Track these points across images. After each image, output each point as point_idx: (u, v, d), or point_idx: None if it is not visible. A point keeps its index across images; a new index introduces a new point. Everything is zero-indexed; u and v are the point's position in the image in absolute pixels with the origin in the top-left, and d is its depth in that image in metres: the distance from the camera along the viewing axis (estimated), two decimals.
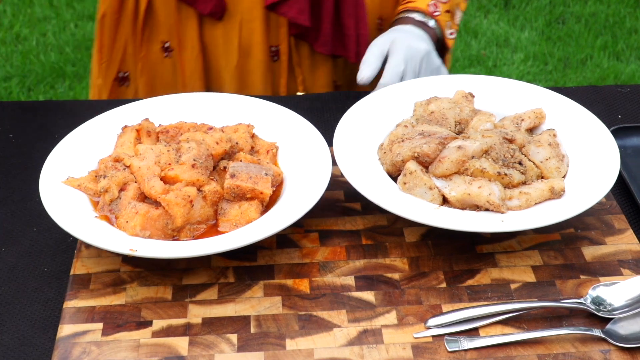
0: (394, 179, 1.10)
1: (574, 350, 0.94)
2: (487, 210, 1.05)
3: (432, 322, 0.96)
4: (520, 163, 1.09)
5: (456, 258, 1.06)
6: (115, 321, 0.97)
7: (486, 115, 1.18)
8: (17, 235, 1.12)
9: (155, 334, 0.96)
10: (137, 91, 1.52)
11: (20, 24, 3.56)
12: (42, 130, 1.32)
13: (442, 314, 0.97)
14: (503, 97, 1.25)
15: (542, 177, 1.10)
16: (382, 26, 1.49)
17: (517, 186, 1.07)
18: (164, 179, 1.07)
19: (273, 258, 1.06)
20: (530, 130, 1.19)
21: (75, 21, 3.62)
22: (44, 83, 3.24)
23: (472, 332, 0.96)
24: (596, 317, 0.97)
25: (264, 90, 1.48)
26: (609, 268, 1.04)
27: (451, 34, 1.42)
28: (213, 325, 0.97)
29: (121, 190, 1.07)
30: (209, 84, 1.50)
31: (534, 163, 1.11)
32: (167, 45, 1.46)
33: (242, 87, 1.48)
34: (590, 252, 1.07)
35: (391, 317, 0.98)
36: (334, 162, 1.13)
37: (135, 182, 1.07)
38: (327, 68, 1.48)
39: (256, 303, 1.00)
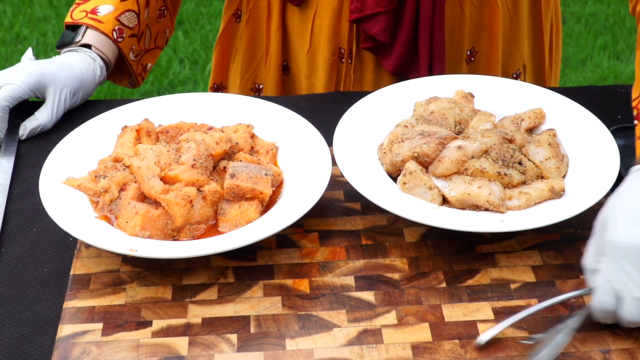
0: (394, 179, 1.10)
1: (574, 350, 0.94)
2: (487, 210, 1.05)
3: (483, 337, 0.94)
4: (520, 163, 1.09)
5: (456, 258, 1.06)
6: (115, 321, 0.97)
7: (486, 115, 1.18)
8: (17, 235, 1.12)
9: (155, 334, 0.96)
10: (242, 35, 1.55)
11: (20, 24, 3.56)
12: (42, 131, 1.32)
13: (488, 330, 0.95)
14: (503, 97, 1.25)
15: (542, 177, 1.10)
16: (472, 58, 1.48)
17: (516, 186, 1.07)
18: (163, 179, 1.07)
19: (273, 258, 1.06)
20: (530, 130, 1.19)
21: None
22: None
23: (472, 332, 0.96)
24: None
25: (328, 87, 1.49)
26: None
27: None
28: (213, 325, 0.97)
29: (121, 190, 1.07)
30: (287, 60, 1.52)
31: (534, 163, 1.11)
32: (269, 6, 1.48)
33: (311, 75, 1.50)
34: None
35: (391, 317, 0.98)
36: (334, 162, 1.13)
37: (135, 182, 1.07)
38: (391, 80, 1.46)
39: (256, 303, 1.00)
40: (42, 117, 1.30)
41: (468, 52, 1.47)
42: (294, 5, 1.44)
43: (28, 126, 1.29)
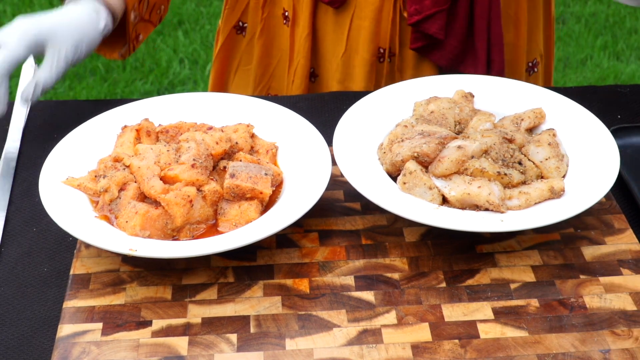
0: (394, 178, 1.10)
1: (574, 350, 0.94)
2: (486, 210, 1.05)
3: None
4: (519, 163, 1.09)
5: (456, 258, 1.06)
6: (114, 321, 0.97)
7: (486, 115, 1.18)
8: (17, 235, 1.12)
9: (155, 334, 0.96)
10: (252, 47, 1.53)
11: None
12: (42, 130, 1.32)
13: None
14: (503, 97, 1.25)
15: (542, 177, 1.10)
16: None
17: (516, 186, 1.07)
18: (163, 179, 1.07)
19: (273, 258, 1.06)
20: (530, 130, 1.19)
21: None
22: None
23: (472, 332, 0.96)
24: (596, 316, 0.97)
25: (365, 88, 1.48)
26: (609, 268, 1.04)
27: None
28: (213, 325, 0.97)
29: (121, 190, 1.07)
30: (315, 66, 1.50)
31: (534, 163, 1.11)
32: (287, 14, 1.47)
33: (345, 79, 1.48)
34: (590, 252, 1.07)
35: (391, 317, 0.98)
36: (334, 162, 1.13)
37: (135, 182, 1.07)
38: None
39: (256, 303, 1.00)
40: (40, 77, 1.21)
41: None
42: (334, 7, 1.42)
43: (27, 90, 1.21)
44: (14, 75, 1.26)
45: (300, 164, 1.13)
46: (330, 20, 1.44)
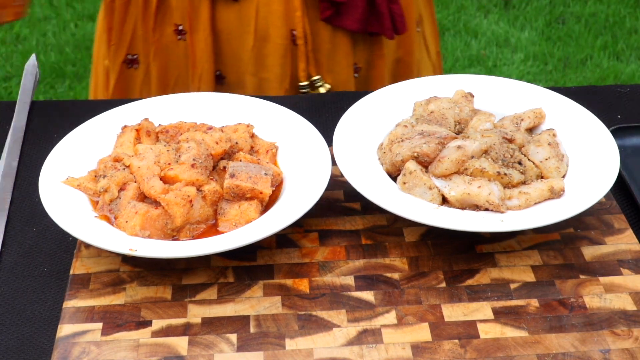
0: (394, 178, 1.10)
1: (574, 350, 0.94)
2: (486, 210, 1.05)
3: None
4: (519, 163, 1.09)
5: (456, 258, 1.06)
6: (114, 321, 0.97)
7: (486, 115, 1.18)
8: (17, 235, 1.12)
9: (155, 334, 0.96)
10: (149, 74, 1.52)
11: (20, 24, 3.56)
12: (42, 130, 1.32)
13: None
14: (503, 97, 1.25)
15: (542, 177, 1.10)
16: None
17: (516, 186, 1.07)
18: (163, 179, 1.07)
19: (272, 258, 1.06)
20: (530, 130, 1.19)
21: (75, 21, 3.62)
22: (44, 83, 3.24)
23: (472, 332, 0.96)
24: (596, 316, 0.97)
25: (282, 74, 1.47)
26: (609, 268, 1.04)
27: None
28: (212, 325, 0.97)
29: (121, 190, 1.07)
30: (222, 67, 1.49)
31: (534, 163, 1.11)
32: (180, 28, 1.46)
33: (260, 70, 1.47)
34: (589, 252, 1.07)
35: (391, 317, 0.98)
36: (334, 162, 1.13)
37: (135, 182, 1.07)
38: (347, 51, 1.48)
39: (256, 303, 1.00)
40: None
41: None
42: (232, 1, 1.40)
43: None
44: (15, 75, 1.26)
45: (300, 164, 1.13)
46: (232, 15, 1.43)
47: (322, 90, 1.49)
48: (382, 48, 1.50)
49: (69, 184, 1.08)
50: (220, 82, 1.51)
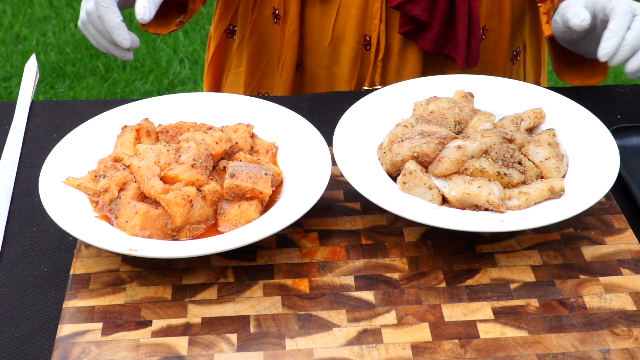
0: (394, 178, 1.10)
1: (574, 350, 0.94)
2: (486, 210, 1.05)
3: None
4: (519, 163, 1.09)
5: (456, 258, 1.06)
6: (114, 321, 0.97)
7: (486, 115, 1.18)
8: (17, 235, 1.12)
9: (155, 334, 0.96)
10: (243, 52, 1.57)
11: (20, 24, 3.56)
12: (42, 130, 1.32)
13: None
14: (503, 97, 1.25)
15: (542, 177, 1.10)
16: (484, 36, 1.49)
17: (516, 186, 1.07)
18: (163, 179, 1.07)
19: (272, 258, 1.06)
20: (530, 130, 1.19)
21: (75, 21, 3.61)
22: (44, 83, 3.24)
23: (472, 332, 0.96)
24: (596, 316, 0.97)
25: (350, 76, 1.50)
26: (609, 268, 1.04)
27: None
28: (212, 325, 0.97)
29: (121, 190, 1.07)
30: (303, 60, 1.53)
31: (534, 163, 1.11)
32: (277, 12, 1.50)
33: (332, 65, 1.51)
34: (589, 252, 1.07)
35: (391, 317, 0.98)
36: (334, 162, 1.13)
37: (135, 181, 1.07)
38: (414, 68, 1.48)
39: (256, 303, 1.00)
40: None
41: (481, 30, 1.48)
42: (321, 1, 1.45)
43: (140, 5, 1.20)
44: (15, 75, 1.26)
45: (300, 164, 1.13)
46: (317, 11, 1.47)
47: None
48: (456, 72, 1.49)
49: (69, 184, 1.08)
50: (298, 72, 1.54)
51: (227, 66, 1.62)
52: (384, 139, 1.16)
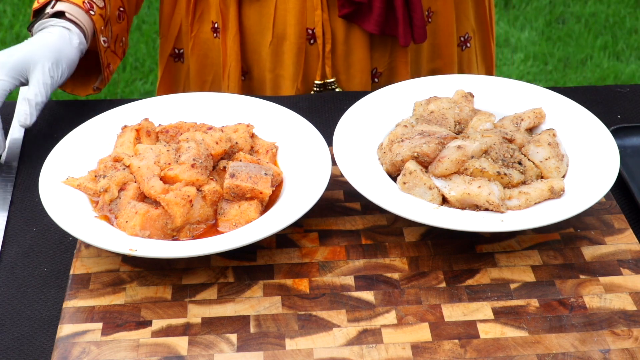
0: (394, 178, 1.10)
1: (574, 350, 0.94)
2: (486, 210, 1.05)
3: None
4: (519, 163, 1.09)
5: (456, 258, 1.06)
6: (114, 321, 0.97)
7: (486, 115, 1.18)
8: (17, 235, 1.12)
9: (155, 334, 0.96)
10: (189, 69, 1.56)
11: (20, 24, 3.56)
12: (42, 130, 1.32)
13: None
14: (503, 97, 1.25)
15: (542, 177, 1.10)
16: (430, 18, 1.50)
17: (516, 186, 1.07)
18: (163, 179, 1.07)
19: (273, 258, 1.06)
20: (530, 130, 1.19)
21: None
22: None
23: (472, 332, 0.96)
24: (596, 316, 0.97)
25: (295, 74, 1.49)
26: (609, 268, 1.04)
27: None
28: (212, 325, 0.97)
29: (121, 190, 1.07)
30: (247, 65, 1.52)
31: (534, 163, 1.11)
32: (216, 26, 1.49)
33: (275, 67, 1.49)
34: (589, 252, 1.07)
35: (391, 317, 0.98)
36: (334, 162, 1.13)
37: (135, 181, 1.07)
38: (363, 54, 1.48)
39: (256, 303, 1.00)
40: (30, 94, 1.22)
41: (426, 13, 1.49)
42: None
43: (22, 113, 1.21)
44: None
45: (300, 164, 1.13)
46: (254, 12, 1.45)
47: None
48: (405, 55, 1.49)
49: (69, 184, 1.08)
50: (247, 79, 1.53)
51: (180, 89, 1.61)
52: (384, 139, 1.16)
